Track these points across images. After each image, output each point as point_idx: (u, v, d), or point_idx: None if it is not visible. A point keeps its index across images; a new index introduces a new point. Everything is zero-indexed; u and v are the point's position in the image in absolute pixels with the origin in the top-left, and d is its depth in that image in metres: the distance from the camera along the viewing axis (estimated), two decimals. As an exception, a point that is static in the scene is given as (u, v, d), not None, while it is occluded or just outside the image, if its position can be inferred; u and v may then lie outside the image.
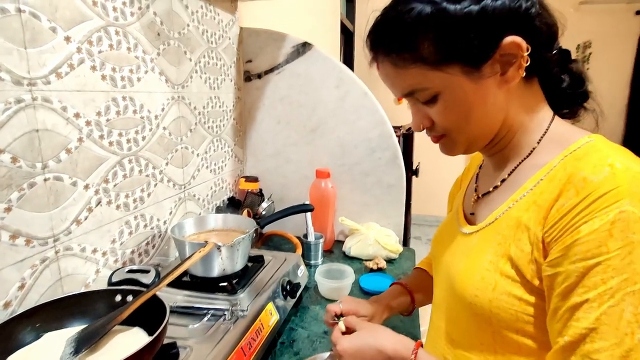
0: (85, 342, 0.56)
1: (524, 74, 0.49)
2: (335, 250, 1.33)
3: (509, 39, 0.47)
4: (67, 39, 0.68)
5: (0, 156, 0.58)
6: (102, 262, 0.79)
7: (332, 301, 0.99)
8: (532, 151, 0.53)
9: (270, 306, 0.80)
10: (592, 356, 0.40)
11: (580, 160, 0.45)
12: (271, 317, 0.80)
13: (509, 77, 0.49)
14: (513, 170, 0.55)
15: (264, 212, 1.25)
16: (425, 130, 0.57)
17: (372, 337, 0.57)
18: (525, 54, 0.47)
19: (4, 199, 0.59)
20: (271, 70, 1.35)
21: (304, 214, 1.16)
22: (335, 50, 3.20)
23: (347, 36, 3.89)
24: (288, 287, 0.89)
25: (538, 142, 0.53)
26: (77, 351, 0.55)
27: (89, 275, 0.77)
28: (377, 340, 0.56)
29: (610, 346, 0.39)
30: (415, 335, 0.85)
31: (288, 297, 0.88)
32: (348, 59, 3.98)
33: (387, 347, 0.55)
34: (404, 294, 0.77)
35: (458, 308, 0.56)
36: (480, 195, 0.60)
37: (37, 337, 0.59)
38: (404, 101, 0.57)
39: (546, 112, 0.54)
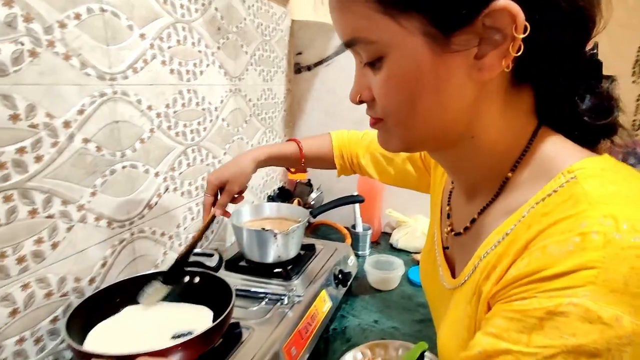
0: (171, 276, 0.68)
1: (510, 67, 0.33)
2: (381, 241, 1.33)
3: (502, 2, 0.30)
4: (142, 36, 0.73)
5: (87, 145, 0.64)
6: (168, 244, 0.85)
7: (381, 292, 1.00)
8: (504, 183, 0.39)
9: (324, 293, 0.83)
10: None
11: (547, 215, 0.31)
12: (325, 303, 0.82)
13: (485, 65, 0.33)
14: (484, 209, 0.42)
15: (313, 202, 1.28)
16: (366, 109, 0.42)
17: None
18: (520, 35, 0.31)
19: (90, 184, 0.65)
20: (320, 62, 1.36)
21: (352, 205, 1.18)
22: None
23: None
24: (340, 276, 0.91)
25: (513, 169, 0.38)
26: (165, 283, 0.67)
27: (158, 256, 0.83)
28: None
29: None
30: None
31: (340, 286, 0.90)
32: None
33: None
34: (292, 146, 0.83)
35: None
36: (453, 232, 0.48)
37: (118, 310, 0.65)
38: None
39: (529, 123, 0.38)
